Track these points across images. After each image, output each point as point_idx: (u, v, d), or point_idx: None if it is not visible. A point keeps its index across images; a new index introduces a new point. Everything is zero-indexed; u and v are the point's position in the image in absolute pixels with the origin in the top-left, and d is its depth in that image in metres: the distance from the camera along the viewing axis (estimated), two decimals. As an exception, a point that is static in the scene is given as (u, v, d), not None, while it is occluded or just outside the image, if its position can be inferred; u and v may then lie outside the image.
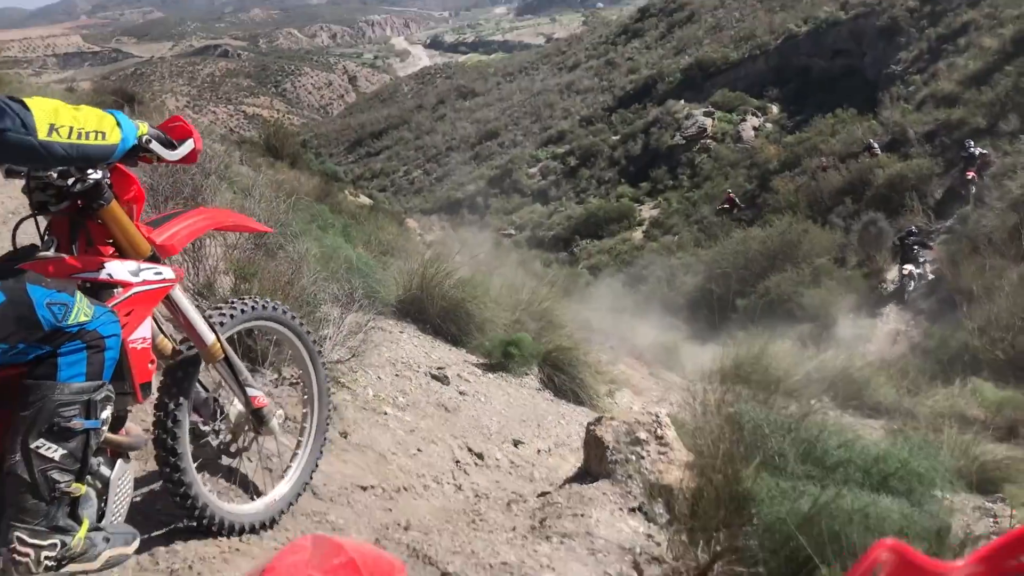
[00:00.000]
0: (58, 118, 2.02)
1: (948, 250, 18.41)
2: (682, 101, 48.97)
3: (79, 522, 2.22)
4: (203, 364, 2.95)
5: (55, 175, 2.34)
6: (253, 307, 3.16)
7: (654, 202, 41.34)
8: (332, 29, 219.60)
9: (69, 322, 2.15)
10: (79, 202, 2.43)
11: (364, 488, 4.07)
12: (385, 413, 5.16)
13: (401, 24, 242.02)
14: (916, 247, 18.17)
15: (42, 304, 2.11)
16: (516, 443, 5.79)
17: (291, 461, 3.44)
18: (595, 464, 4.90)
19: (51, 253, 2.40)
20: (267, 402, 3.15)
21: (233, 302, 3.16)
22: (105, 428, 2.29)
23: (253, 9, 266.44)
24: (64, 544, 2.14)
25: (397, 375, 6.04)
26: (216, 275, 5.05)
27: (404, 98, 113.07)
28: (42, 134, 1.98)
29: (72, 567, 2.21)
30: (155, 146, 2.41)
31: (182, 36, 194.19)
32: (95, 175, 2.39)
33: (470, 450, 5.26)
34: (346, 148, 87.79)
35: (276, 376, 4.37)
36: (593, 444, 4.96)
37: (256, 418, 3.11)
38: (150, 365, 2.56)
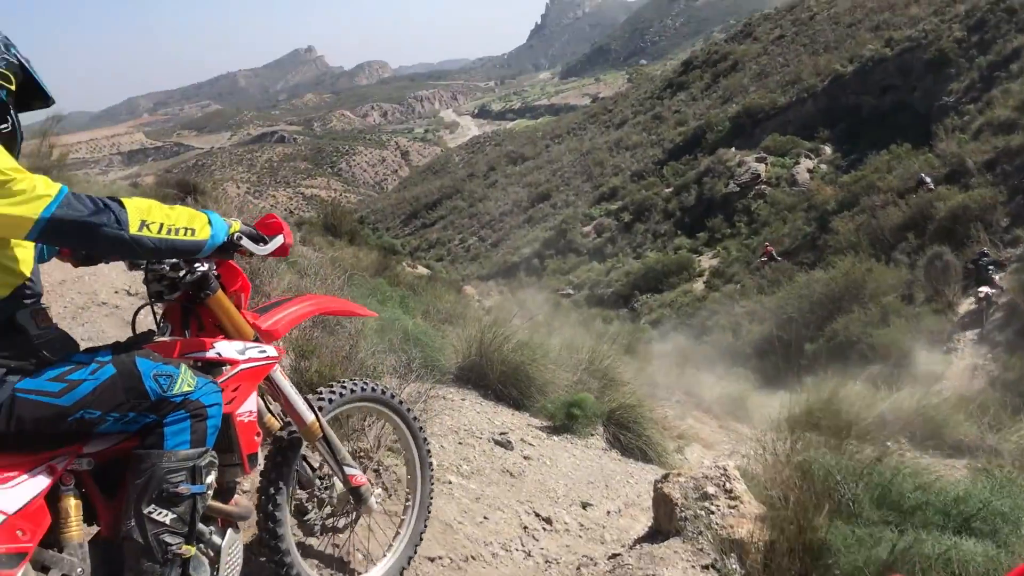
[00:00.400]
0: (150, 215, 2.22)
1: (1021, 279, 17.88)
2: (733, 149, 48.91)
3: None
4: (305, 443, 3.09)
5: (167, 268, 2.58)
6: (353, 390, 3.31)
7: (713, 252, 41.04)
8: (383, 108, 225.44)
9: (173, 392, 2.31)
10: (190, 292, 2.67)
11: (432, 559, 4.05)
12: (449, 482, 5.15)
13: (449, 97, 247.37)
14: (991, 267, 17.66)
15: (149, 375, 2.28)
16: (584, 505, 5.71)
17: (393, 540, 3.54)
18: (665, 522, 4.81)
19: (166, 337, 2.64)
20: (365, 481, 3.25)
21: (333, 386, 3.31)
22: (210, 492, 2.42)
23: (306, 95, 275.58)
24: None
25: (460, 443, 6.03)
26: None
27: (456, 168, 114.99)
28: (133, 229, 2.16)
29: None
30: (246, 242, 2.59)
31: (240, 125, 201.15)
32: (202, 268, 2.64)
33: (538, 515, 5.20)
34: (402, 221, 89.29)
35: (371, 459, 4.41)
36: (662, 502, 4.88)
37: (355, 496, 3.21)
38: (256, 437, 2.72)
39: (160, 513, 2.23)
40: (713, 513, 4.51)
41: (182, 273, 2.61)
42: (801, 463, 4.53)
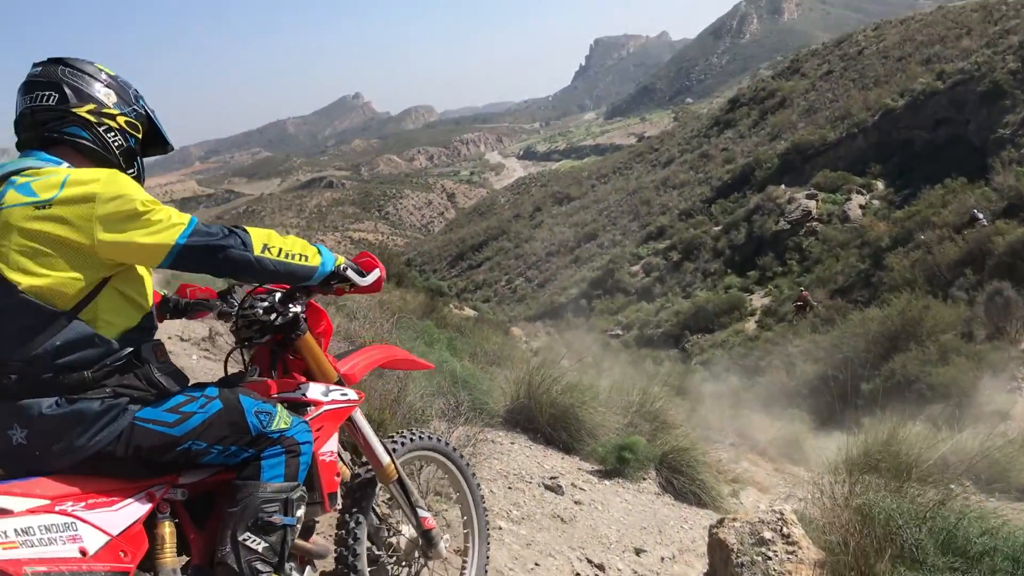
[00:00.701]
0: (270, 241, 2.43)
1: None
2: (783, 186, 48.57)
3: None
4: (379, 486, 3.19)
5: (261, 311, 2.77)
6: (420, 437, 3.44)
7: (764, 290, 40.60)
8: (429, 151, 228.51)
9: (271, 428, 2.47)
10: (279, 336, 2.83)
11: (483, 607, 3.98)
12: (500, 527, 5.08)
13: (494, 139, 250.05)
14: None
15: (251, 412, 2.45)
16: (638, 552, 5.60)
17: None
18: (721, 568, 4.69)
19: (256, 378, 2.81)
20: (435, 524, 3.29)
21: (404, 432, 3.42)
22: (299, 526, 2.55)
23: (354, 140, 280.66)
24: None
25: (510, 487, 5.97)
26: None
27: (501, 209, 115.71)
28: (256, 251, 2.37)
29: None
30: (350, 273, 2.74)
31: (289, 172, 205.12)
32: (295, 309, 2.80)
33: (590, 562, 5.11)
34: (449, 263, 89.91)
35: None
36: (717, 547, 4.76)
37: (426, 540, 3.26)
38: (336, 477, 2.85)
39: (254, 541, 2.35)
40: (770, 559, 4.38)
41: (273, 316, 2.78)
42: (861, 507, 4.39)
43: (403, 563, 3.29)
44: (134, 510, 2.21)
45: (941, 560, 3.87)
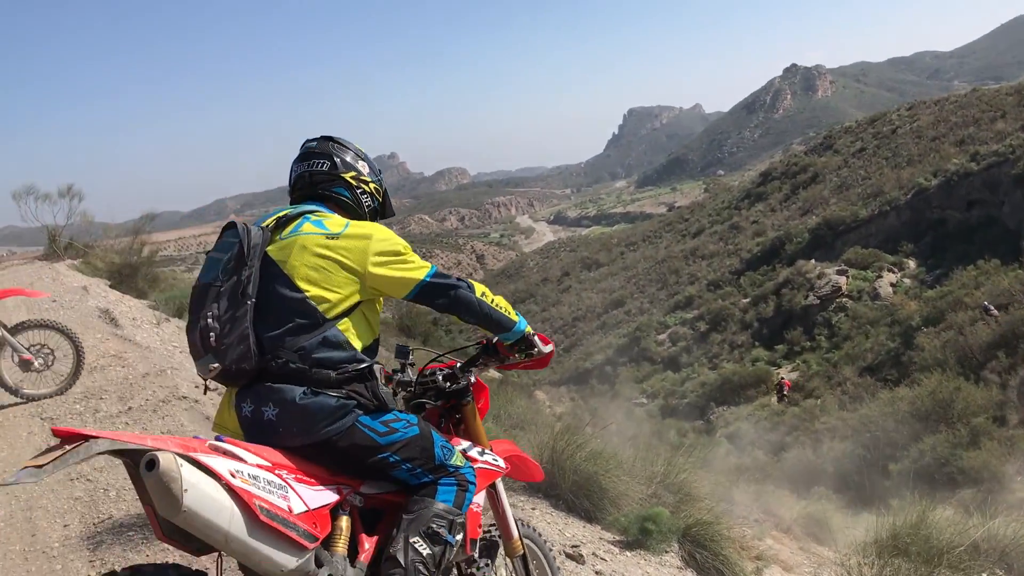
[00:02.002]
0: (486, 293, 3.09)
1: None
2: (813, 261, 48.40)
3: None
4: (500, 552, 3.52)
5: (441, 378, 3.26)
6: (523, 525, 3.74)
7: (792, 364, 40.21)
8: (460, 212, 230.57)
9: (450, 462, 2.92)
10: (450, 402, 3.33)
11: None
12: (519, 595, 4.98)
13: (525, 203, 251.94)
14: None
15: (438, 445, 2.91)
16: (658, 626, 5.45)
17: None
18: (744, 650, 4.55)
19: None
20: None
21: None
22: (455, 549, 2.88)
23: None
24: None
25: (531, 555, 5.87)
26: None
27: (530, 272, 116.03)
28: (477, 295, 3.02)
29: None
30: (536, 339, 3.28)
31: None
32: (468, 379, 3.32)
33: (609, 634, 4.99)
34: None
35: None
36: (741, 627, 4.63)
37: None
38: (478, 528, 3.18)
39: (421, 546, 2.72)
40: (797, 643, 4.27)
41: (449, 384, 3.27)
42: (891, 593, 4.27)
43: None
44: (326, 496, 2.59)
45: (975, 652, 3.74)
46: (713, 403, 37.66)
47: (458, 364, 3.36)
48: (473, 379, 3.35)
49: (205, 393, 3.14)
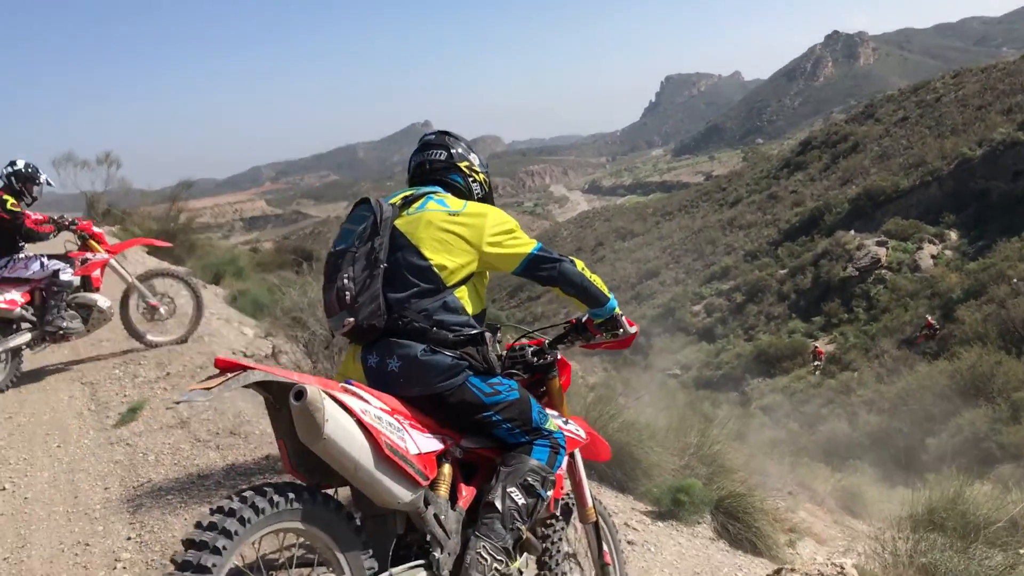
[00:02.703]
0: (585, 269, 3.41)
1: None
2: (852, 231, 47.70)
3: (514, 559, 3.05)
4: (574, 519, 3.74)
5: (530, 354, 3.56)
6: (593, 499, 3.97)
7: (829, 336, 39.80)
8: (494, 181, 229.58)
9: (545, 426, 3.23)
10: (536, 376, 3.58)
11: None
12: (551, 564, 5.01)
13: (559, 172, 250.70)
14: None
15: (536, 409, 3.22)
16: (689, 597, 5.46)
17: None
18: (776, 622, 4.55)
19: None
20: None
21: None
22: (546, 503, 3.20)
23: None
24: (506, 565, 2.95)
25: (563, 523, 5.89)
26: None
27: (564, 242, 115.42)
28: (578, 268, 3.37)
29: None
30: (623, 320, 3.54)
31: (356, 196, 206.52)
32: (554, 355, 3.60)
33: (640, 604, 5.01)
34: (508, 292, 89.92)
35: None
36: (773, 600, 4.63)
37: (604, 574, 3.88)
38: (561, 489, 3.52)
39: (517, 496, 3.02)
40: (829, 616, 4.26)
41: (537, 359, 3.56)
42: (926, 565, 4.24)
43: None
44: (434, 444, 2.90)
45: (1011, 629, 3.71)
46: (748, 375, 37.38)
47: (546, 341, 3.66)
48: (559, 356, 3.62)
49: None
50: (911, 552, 4.53)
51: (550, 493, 3.20)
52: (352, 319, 3.00)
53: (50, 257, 7.67)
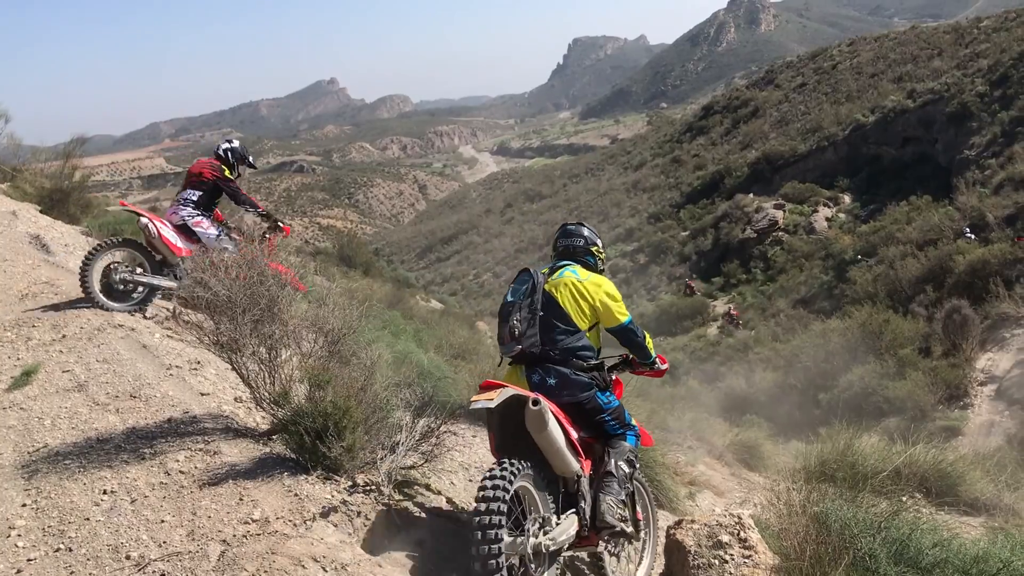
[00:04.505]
0: (647, 336, 4.88)
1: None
2: (751, 195, 48.99)
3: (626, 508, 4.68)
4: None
5: (592, 357, 4.62)
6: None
7: (728, 297, 40.97)
8: (402, 141, 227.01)
9: (631, 422, 4.76)
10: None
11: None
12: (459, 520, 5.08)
13: (468, 133, 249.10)
14: None
15: (626, 412, 4.74)
16: (594, 548, 5.61)
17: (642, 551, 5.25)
18: (678, 569, 4.73)
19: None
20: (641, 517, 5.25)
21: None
22: (634, 472, 4.74)
23: (327, 126, 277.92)
24: (624, 510, 4.53)
25: (471, 480, 5.98)
26: (291, 383, 5.11)
27: (473, 204, 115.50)
28: (644, 339, 4.86)
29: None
30: (658, 361, 5.04)
31: (259, 154, 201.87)
32: (612, 377, 4.88)
33: (547, 556, 5.11)
34: (417, 254, 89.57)
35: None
36: (675, 549, 4.80)
37: (636, 529, 5.04)
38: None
39: (623, 466, 4.58)
40: (727, 562, 4.44)
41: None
42: (817, 514, 4.45)
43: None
44: (575, 433, 4.32)
45: (894, 570, 3.93)
46: (650, 334, 38.16)
47: (607, 366, 4.86)
48: (614, 377, 4.93)
49: (141, 321, 3.10)
50: (804, 502, 4.74)
51: (638, 465, 4.83)
52: (519, 347, 4.44)
53: (228, 232, 8.38)
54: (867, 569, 3.98)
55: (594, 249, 4.97)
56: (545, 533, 4.04)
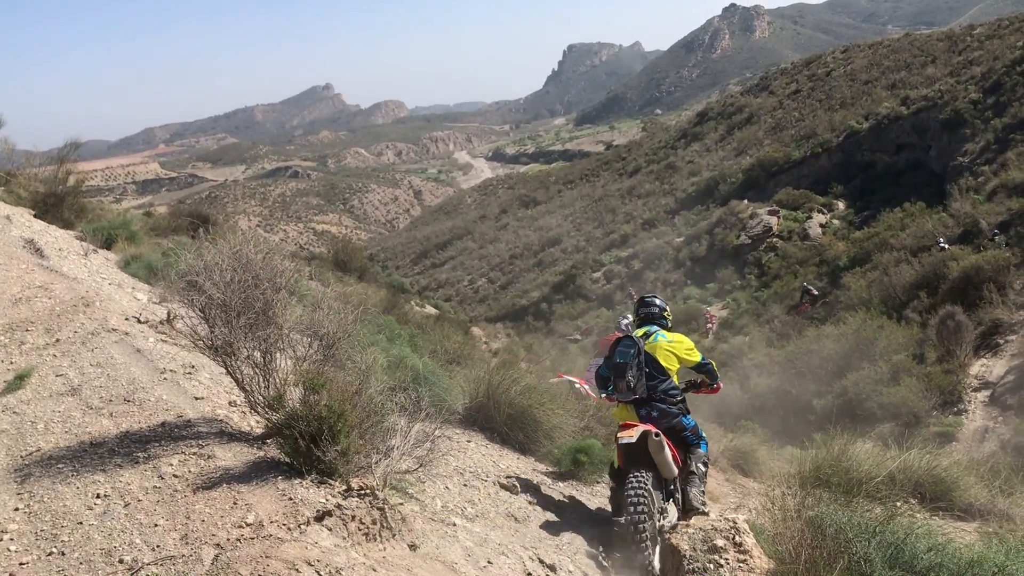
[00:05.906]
0: (713, 363, 6.88)
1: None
2: (745, 201, 49.08)
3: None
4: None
5: (678, 393, 6.42)
6: None
7: (722, 303, 41.01)
8: (397, 147, 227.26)
9: (703, 436, 6.43)
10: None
11: (433, 603, 3.97)
12: (454, 524, 5.07)
13: (463, 139, 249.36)
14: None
15: (699, 426, 6.45)
16: (590, 554, 5.61)
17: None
18: (673, 573, 4.72)
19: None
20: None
21: None
22: (706, 472, 6.35)
23: (322, 131, 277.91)
24: (705, 498, 6.16)
25: (465, 485, 5.96)
26: (286, 387, 5.10)
27: (467, 209, 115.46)
28: (714, 367, 6.89)
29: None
30: (719, 383, 6.83)
31: (254, 159, 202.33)
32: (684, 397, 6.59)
33: (542, 562, 5.11)
34: (412, 260, 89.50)
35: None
36: (670, 553, 4.80)
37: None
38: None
39: (701, 467, 6.18)
40: (722, 566, 4.43)
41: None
42: (812, 519, 4.45)
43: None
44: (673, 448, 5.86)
45: (889, 574, 3.93)
46: (646, 339, 38.13)
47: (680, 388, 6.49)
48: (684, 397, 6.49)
49: (135, 324, 3.10)
50: (798, 507, 4.74)
51: (710, 466, 6.59)
52: (635, 396, 6.10)
53: None
54: (862, 573, 3.98)
55: (665, 314, 6.73)
56: (664, 518, 5.61)
